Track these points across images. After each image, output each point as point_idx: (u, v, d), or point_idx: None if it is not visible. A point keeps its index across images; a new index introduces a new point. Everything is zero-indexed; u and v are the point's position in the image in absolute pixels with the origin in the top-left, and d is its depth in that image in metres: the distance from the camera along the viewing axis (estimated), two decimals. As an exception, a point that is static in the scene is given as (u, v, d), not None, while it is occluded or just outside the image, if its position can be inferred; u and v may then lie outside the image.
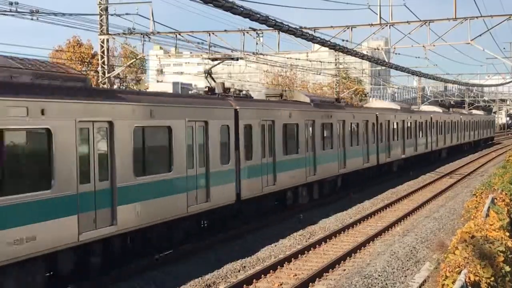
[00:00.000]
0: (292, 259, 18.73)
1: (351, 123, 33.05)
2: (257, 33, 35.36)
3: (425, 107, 64.19)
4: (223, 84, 24.06)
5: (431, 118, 51.51)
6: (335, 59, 72.86)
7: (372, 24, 35.22)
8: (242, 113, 21.97)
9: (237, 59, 27.74)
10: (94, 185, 14.98)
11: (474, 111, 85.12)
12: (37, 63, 15.00)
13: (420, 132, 47.58)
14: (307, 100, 28.92)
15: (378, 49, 43.14)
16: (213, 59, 26.99)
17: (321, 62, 55.85)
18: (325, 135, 29.48)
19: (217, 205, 20.42)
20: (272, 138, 24.18)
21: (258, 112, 23.45)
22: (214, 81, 24.16)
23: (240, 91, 25.32)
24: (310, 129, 27.79)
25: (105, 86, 40.49)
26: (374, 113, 37.45)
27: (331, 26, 36.28)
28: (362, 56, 27.88)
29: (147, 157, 17.08)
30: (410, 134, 44.85)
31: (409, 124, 44.74)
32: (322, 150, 28.74)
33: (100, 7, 38.07)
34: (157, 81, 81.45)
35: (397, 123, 41.67)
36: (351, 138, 32.96)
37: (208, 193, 19.67)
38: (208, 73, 24.42)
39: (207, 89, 23.85)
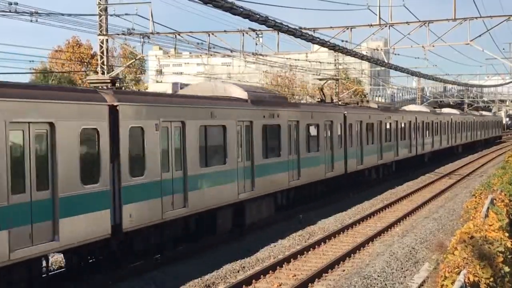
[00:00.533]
0: (292, 259, 18.73)
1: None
2: (256, 33, 35.35)
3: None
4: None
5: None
6: (335, 60, 72.92)
7: (371, 25, 35.22)
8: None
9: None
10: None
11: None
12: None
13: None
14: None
15: (378, 50, 43.17)
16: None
17: (320, 62, 55.89)
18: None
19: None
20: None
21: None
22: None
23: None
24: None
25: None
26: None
27: (331, 27, 36.29)
28: (362, 57, 27.92)
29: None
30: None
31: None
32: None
33: (99, 7, 38.07)
34: (157, 82, 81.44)
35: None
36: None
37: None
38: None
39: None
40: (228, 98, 22.55)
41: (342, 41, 34.94)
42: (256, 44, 36.42)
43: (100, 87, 17.86)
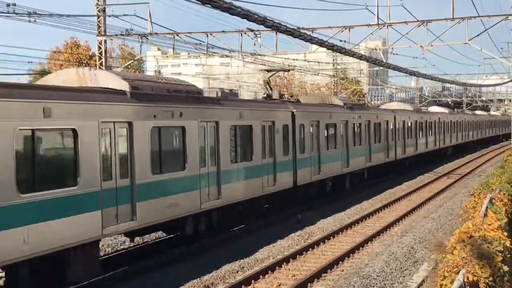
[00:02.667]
0: (291, 259, 18.73)
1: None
2: (255, 33, 35.40)
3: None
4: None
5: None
6: (333, 60, 72.94)
7: (370, 25, 35.27)
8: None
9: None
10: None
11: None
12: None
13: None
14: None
15: (376, 50, 43.19)
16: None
17: (319, 62, 55.92)
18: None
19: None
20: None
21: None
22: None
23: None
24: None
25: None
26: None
27: (329, 27, 36.32)
28: (360, 57, 27.86)
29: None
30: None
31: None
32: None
33: (97, 8, 38.06)
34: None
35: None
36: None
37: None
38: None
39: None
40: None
41: (341, 41, 35.02)
42: (255, 44, 36.49)
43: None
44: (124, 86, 16.80)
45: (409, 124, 45.30)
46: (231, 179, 21.10)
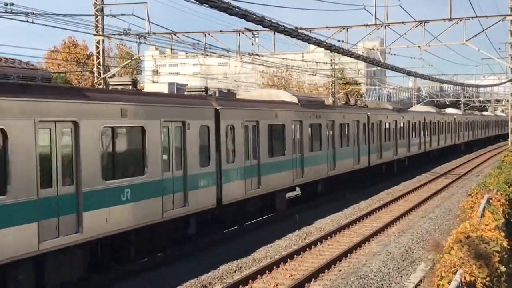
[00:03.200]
0: (288, 259, 18.74)
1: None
2: (252, 33, 35.37)
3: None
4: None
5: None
6: (331, 60, 72.91)
7: (367, 25, 35.26)
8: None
9: None
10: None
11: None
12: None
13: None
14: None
15: (374, 50, 43.19)
16: None
17: (316, 62, 55.91)
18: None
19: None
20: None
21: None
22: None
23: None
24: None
25: (100, 86, 40.48)
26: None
27: (327, 27, 36.31)
28: (358, 57, 27.82)
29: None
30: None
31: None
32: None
33: (95, 7, 38.04)
34: (153, 82, 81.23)
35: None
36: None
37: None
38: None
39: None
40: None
41: (338, 41, 34.94)
42: (252, 44, 36.44)
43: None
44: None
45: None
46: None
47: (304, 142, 27.25)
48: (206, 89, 22.70)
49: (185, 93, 22.40)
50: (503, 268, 11.37)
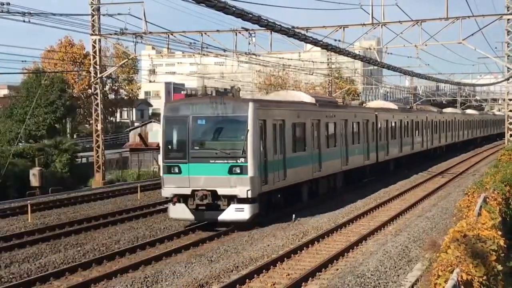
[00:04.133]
0: (285, 258, 18.73)
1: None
2: (249, 33, 35.39)
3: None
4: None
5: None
6: (328, 59, 72.94)
7: (364, 24, 35.34)
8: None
9: None
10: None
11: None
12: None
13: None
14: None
15: (370, 49, 43.23)
16: None
17: (313, 62, 55.95)
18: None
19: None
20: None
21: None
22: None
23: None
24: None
25: (96, 86, 40.45)
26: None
27: (324, 26, 36.37)
28: (354, 56, 27.90)
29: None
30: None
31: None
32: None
33: (92, 7, 38.00)
34: (150, 81, 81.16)
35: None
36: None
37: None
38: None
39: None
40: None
41: (335, 40, 35.07)
42: (249, 43, 36.47)
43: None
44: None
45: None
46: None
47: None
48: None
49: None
50: (499, 267, 11.37)
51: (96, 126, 41.38)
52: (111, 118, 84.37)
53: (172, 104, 27.52)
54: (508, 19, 39.01)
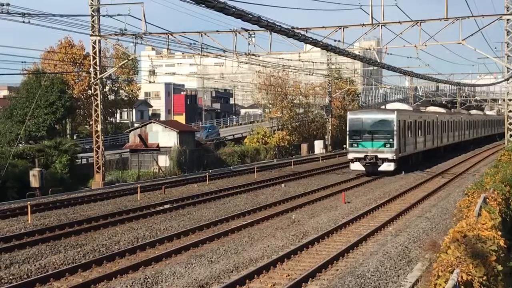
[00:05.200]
0: (285, 259, 18.73)
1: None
2: (249, 33, 35.38)
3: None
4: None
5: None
6: (327, 60, 72.90)
7: (364, 24, 35.33)
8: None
9: None
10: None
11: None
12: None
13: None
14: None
15: (370, 49, 43.23)
16: None
17: (313, 62, 55.93)
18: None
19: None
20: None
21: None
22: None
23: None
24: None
25: (96, 87, 40.44)
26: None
27: (323, 27, 36.37)
28: (354, 56, 27.93)
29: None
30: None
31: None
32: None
33: (91, 8, 37.98)
34: (149, 82, 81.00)
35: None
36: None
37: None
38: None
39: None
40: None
41: (335, 40, 35.07)
42: (249, 44, 36.44)
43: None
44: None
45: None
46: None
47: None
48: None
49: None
50: (499, 267, 11.37)
51: (96, 127, 41.38)
52: (111, 119, 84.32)
53: (353, 111, 50.17)
54: (508, 19, 39.04)
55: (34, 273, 17.55)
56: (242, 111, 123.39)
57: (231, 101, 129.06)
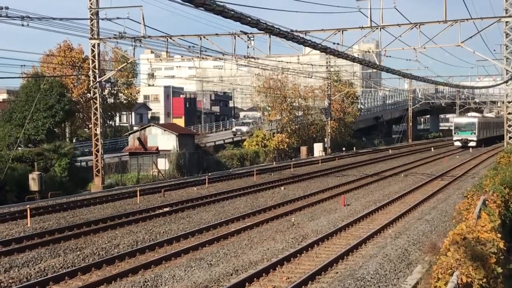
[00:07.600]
0: (285, 262, 18.73)
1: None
2: (248, 36, 35.38)
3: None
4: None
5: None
6: (326, 62, 72.91)
7: (363, 27, 35.31)
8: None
9: None
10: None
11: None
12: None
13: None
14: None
15: (369, 52, 43.25)
16: None
17: (312, 65, 55.95)
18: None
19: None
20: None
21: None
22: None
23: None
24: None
25: (95, 90, 40.47)
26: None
27: (322, 29, 36.37)
28: (353, 59, 27.95)
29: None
30: None
31: None
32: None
33: (90, 11, 38.01)
34: (148, 85, 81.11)
35: None
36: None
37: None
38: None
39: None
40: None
41: (334, 43, 35.03)
42: (248, 47, 36.43)
43: None
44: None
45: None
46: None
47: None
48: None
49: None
50: (499, 269, 11.36)
51: (95, 130, 41.37)
52: (110, 122, 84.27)
53: (458, 117, 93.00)
54: (507, 22, 39.07)
55: (34, 276, 17.54)
56: (242, 114, 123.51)
57: (230, 104, 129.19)
